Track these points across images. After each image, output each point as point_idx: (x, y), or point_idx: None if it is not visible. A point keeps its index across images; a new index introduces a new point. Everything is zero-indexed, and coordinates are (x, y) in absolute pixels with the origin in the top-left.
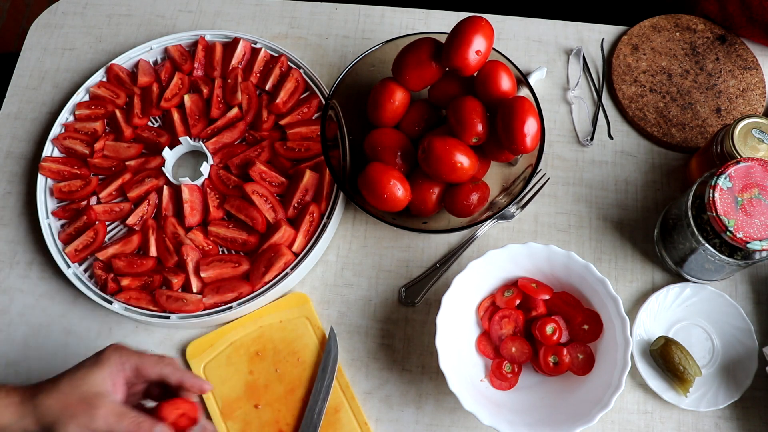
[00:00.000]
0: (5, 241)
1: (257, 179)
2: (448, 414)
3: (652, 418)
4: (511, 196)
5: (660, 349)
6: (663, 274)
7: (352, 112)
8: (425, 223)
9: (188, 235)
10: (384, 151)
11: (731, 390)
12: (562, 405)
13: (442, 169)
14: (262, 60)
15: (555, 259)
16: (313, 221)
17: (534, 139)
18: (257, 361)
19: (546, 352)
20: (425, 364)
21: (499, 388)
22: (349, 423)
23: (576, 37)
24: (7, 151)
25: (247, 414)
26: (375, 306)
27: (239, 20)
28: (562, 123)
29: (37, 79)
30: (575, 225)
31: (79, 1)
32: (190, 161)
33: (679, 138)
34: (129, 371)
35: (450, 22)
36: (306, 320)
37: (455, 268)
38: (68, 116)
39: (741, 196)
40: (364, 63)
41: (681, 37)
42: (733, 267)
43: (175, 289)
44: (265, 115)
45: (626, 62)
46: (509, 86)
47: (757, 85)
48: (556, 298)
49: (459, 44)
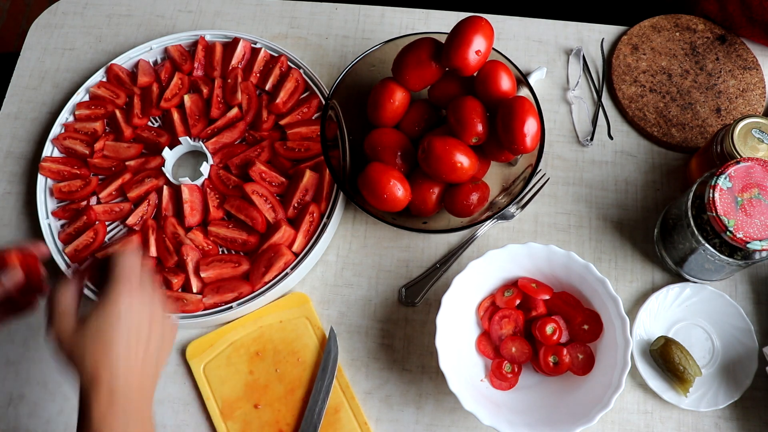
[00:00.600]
0: (5, 241)
1: (257, 179)
2: (448, 414)
3: (652, 418)
4: (511, 196)
5: (660, 349)
6: (663, 274)
7: (352, 112)
8: (425, 223)
9: (188, 235)
10: (384, 151)
11: (731, 390)
12: (562, 405)
13: (442, 169)
14: (262, 60)
15: (555, 259)
16: (313, 221)
17: (534, 139)
18: (257, 361)
19: (546, 352)
20: (425, 364)
21: (499, 388)
22: (349, 423)
23: (576, 37)
24: (7, 151)
25: (247, 414)
26: (375, 306)
27: (239, 20)
28: (562, 123)
29: (37, 79)
30: (575, 225)
31: (79, 1)
32: (190, 161)
33: (679, 138)
34: None
35: (450, 22)
36: (306, 320)
37: (455, 268)
38: (68, 116)
39: (741, 196)
40: (364, 63)
41: (681, 37)
42: (733, 267)
43: (175, 289)
44: (265, 115)
45: (626, 62)
46: (509, 86)
47: (757, 85)
48: (556, 298)
49: (459, 44)
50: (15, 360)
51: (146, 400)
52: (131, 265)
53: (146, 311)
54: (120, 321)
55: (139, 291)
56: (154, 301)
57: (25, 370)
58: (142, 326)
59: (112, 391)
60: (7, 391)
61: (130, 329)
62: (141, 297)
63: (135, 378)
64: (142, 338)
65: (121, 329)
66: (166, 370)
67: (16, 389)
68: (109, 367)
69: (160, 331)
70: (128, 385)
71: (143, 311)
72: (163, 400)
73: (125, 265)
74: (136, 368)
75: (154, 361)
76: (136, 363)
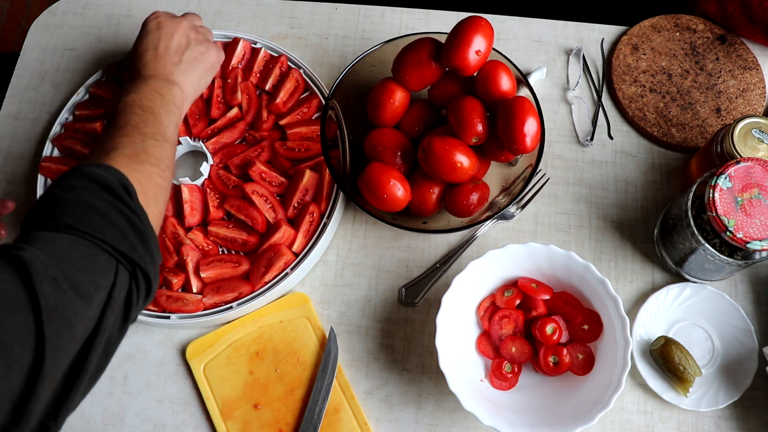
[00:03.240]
0: (5, 241)
1: (257, 179)
2: (448, 414)
3: (652, 418)
4: (511, 196)
5: (660, 349)
6: (663, 274)
7: (352, 112)
8: (425, 223)
9: (188, 235)
10: (384, 151)
11: (731, 390)
12: (562, 405)
13: (442, 169)
14: (262, 60)
15: (555, 259)
16: (313, 221)
17: (534, 139)
18: (257, 361)
19: (546, 352)
20: (425, 364)
21: (499, 388)
22: (349, 423)
23: (576, 37)
24: (7, 151)
25: (247, 414)
26: (375, 306)
27: (239, 20)
28: (562, 123)
29: (37, 79)
30: (575, 225)
31: (79, 1)
32: (190, 161)
33: (679, 138)
34: None
35: (450, 22)
36: (306, 320)
37: (455, 268)
38: (68, 116)
39: (741, 196)
40: (364, 63)
41: (681, 37)
42: (733, 267)
43: (175, 289)
44: (265, 115)
45: (626, 62)
46: (509, 86)
47: (757, 85)
48: (556, 298)
49: (459, 44)
50: None
51: (169, 83)
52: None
53: (172, 31)
54: (144, 33)
55: (169, 19)
56: (188, 28)
57: None
58: (168, 37)
59: (140, 74)
60: None
61: (157, 39)
62: (172, 22)
63: (162, 68)
64: (171, 46)
65: (147, 39)
66: (165, 370)
67: None
68: (141, 60)
69: (194, 47)
70: (156, 70)
71: (170, 30)
72: (163, 400)
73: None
74: (164, 63)
75: (184, 59)
76: (165, 60)
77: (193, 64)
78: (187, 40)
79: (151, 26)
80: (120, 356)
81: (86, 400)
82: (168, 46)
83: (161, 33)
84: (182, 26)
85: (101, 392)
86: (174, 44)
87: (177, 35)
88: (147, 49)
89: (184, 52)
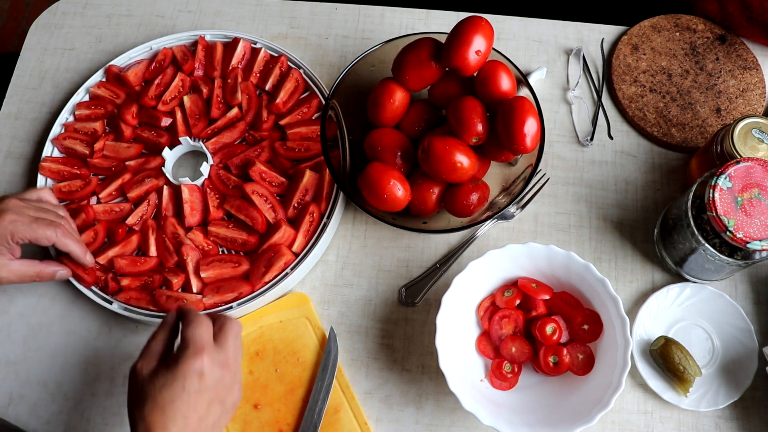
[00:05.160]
0: None
1: (257, 179)
2: (448, 414)
3: (652, 418)
4: (511, 196)
5: (660, 349)
6: (663, 274)
7: (352, 112)
8: (425, 223)
9: (188, 235)
10: (384, 151)
11: (731, 390)
12: (562, 405)
13: (442, 169)
14: (262, 60)
15: (555, 259)
16: (313, 221)
17: (534, 139)
18: (257, 361)
19: (546, 352)
20: (425, 364)
21: (499, 388)
22: (349, 423)
23: (576, 37)
24: (7, 151)
25: (247, 414)
26: (375, 306)
27: (239, 20)
28: (562, 123)
29: (37, 79)
30: (575, 225)
31: (79, 1)
32: (190, 161)
33: (679, 138)
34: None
35: (450, 22)
36: (306, 320)
37: (455, 268)
38: (68, 116)
39: (741, 196)
40: (364, 63)
41: (681, 37)
42: (733, 267)
43: (175, 289)
44: (265, 115)
45: (626, 62)
46: (509, 86)
47: (757, 85)
48: (556, 298)
49: (459, 44)
50: (15, 360)
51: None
52: (203, 336)
53: (211, 388)
54: (183, 393)
55: (211, 364)
56: (225, 372)
57: (25, 370)
58: (201, 400)
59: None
60: (7, 391)
61: (189, 403)
62: (212, 370)
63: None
64: (200, 409)
65: (182, 400)
66: None
67: (16, 389)
68: (162, 428)
69: (222, 404)
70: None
71: (207, 388)
72: None
73: (198, 336)
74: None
75: (209, 428)
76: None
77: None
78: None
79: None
80: (120, 356)
81: (86, 400)
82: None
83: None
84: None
85: (101, 392)
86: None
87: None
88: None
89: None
